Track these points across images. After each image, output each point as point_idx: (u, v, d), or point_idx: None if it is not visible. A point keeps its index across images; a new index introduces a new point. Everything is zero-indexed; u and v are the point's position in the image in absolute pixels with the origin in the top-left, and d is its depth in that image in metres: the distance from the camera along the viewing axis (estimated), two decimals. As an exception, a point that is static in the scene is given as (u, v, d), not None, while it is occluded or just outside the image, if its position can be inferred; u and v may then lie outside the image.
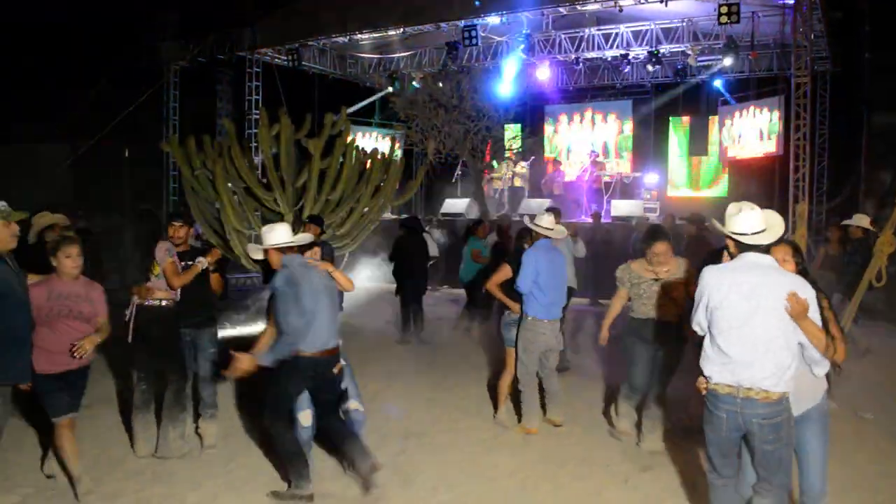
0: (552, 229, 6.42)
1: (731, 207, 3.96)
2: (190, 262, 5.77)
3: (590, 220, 15.32)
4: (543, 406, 6.57)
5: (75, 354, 4.69)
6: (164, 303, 5.63)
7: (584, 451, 5.98)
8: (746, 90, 18.51)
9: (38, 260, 5.00)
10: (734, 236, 3.89)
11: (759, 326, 3.72)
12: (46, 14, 20.53)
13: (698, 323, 3.96)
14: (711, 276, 3.91)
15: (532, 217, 6.64)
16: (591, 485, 5.30)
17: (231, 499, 5.02)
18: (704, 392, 3.89)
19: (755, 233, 3.83)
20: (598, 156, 19.50)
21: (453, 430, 6.48)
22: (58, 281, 4.82)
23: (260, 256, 5.03)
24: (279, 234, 4.94)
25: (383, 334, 10.93)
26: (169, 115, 20.05)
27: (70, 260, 4.80)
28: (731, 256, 3.97)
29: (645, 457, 5.78)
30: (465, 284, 10.98)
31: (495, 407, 6.84)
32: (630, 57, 17.25)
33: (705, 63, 17.60)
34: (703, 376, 3.89)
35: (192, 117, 19.93)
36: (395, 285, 10.91)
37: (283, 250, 4.92)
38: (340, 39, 17.89)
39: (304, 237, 5.19)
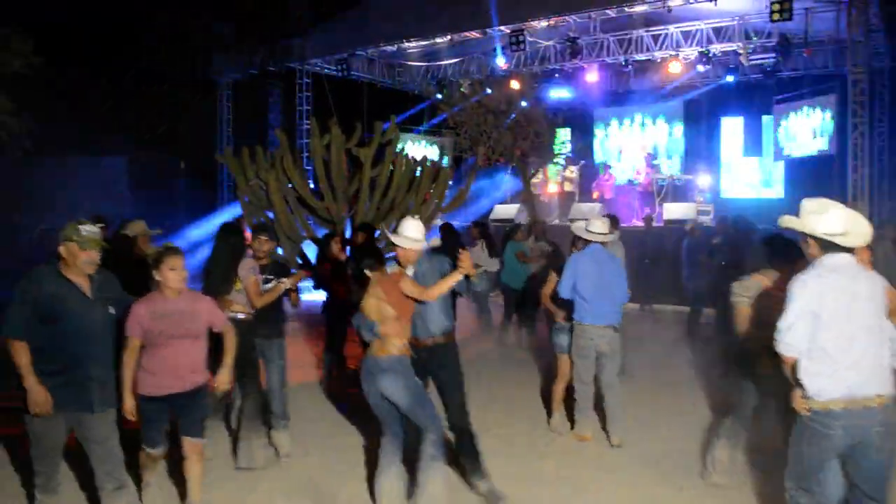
0: (595, 233, 6.24)
1: (812, 204, 3.65)
2: (270, 277, 5.89)
3: (641, 223, 15.14)
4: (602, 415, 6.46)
5: (218, 394, 4.55)
6: (240, 316, 5.68)
7: (638, 458, 5.91)
8: (801, 88, 18.11)
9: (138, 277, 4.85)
10: (822, 236, 3.58)
11: (862, 330, 3.51)
12: (100, 31, 21.15)
13: (793, 339, 3.58)
14: (805, 286, 3.57)
15: (576, 221, 6.53)
16: (644, 493, 5.25)
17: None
18: (808, 412, 3.59)
19: (841, 233, 3.56)
20: (654, 158, 19.26)
21: (505, 435, 6.47)
22: (160, 298, 4.41)
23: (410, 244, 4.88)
24: (413, 230, 4.92)
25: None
26: (222, 127, 20.48)
27: (175, 273, 4.38)
28: (807, 258, 3.69)
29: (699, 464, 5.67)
30: (506, 289, 10.71)
31: (549, 413, 6.81)
32: (680, 57, 17.05)
33: (757, 62, 17.28)
34: (805, 396, 3.59)
35: (244, 128, 20.35)
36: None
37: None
38: (389, 48, 18.07)
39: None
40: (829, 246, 3.58)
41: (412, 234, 4.88)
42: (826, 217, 3.58)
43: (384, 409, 4.80)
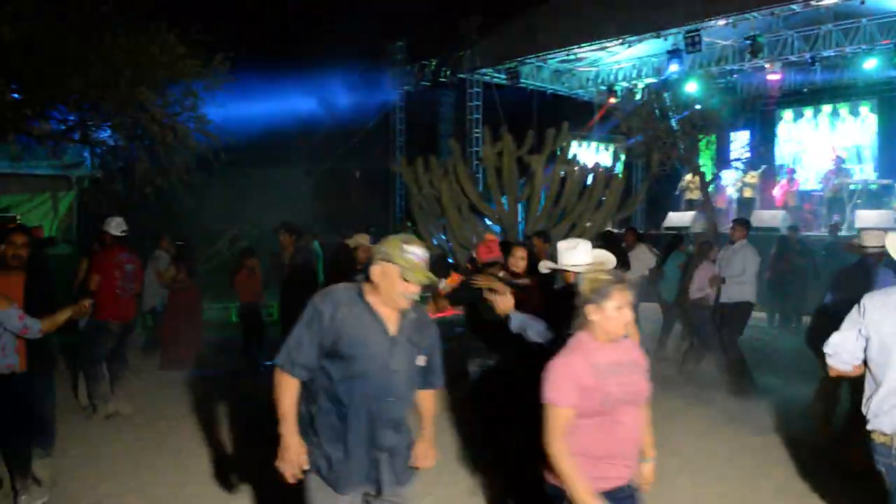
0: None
1: None
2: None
3: (826, 232, 14.12)
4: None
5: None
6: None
7: None
8: None
9: None
10: None
11: None
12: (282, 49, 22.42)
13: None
14: None
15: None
16: None
17: None
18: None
19: None
20: (843, 161, 17.90)
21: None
22: (595, 345, 3.05)
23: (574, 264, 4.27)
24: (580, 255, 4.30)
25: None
26: (395, 138, 21.16)
27: (622, 312, 3.04)
28: None
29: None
30: (668, 304, 9.95)
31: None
32: (874, 51, 15.77)
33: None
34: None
35: (416, 138, 20.93)
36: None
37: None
38: (558, 54, 17.97)
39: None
40: None
41: (581, 258, 4.23)
42: None
43: None
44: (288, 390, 3.06)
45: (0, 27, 8.57)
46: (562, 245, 4.38)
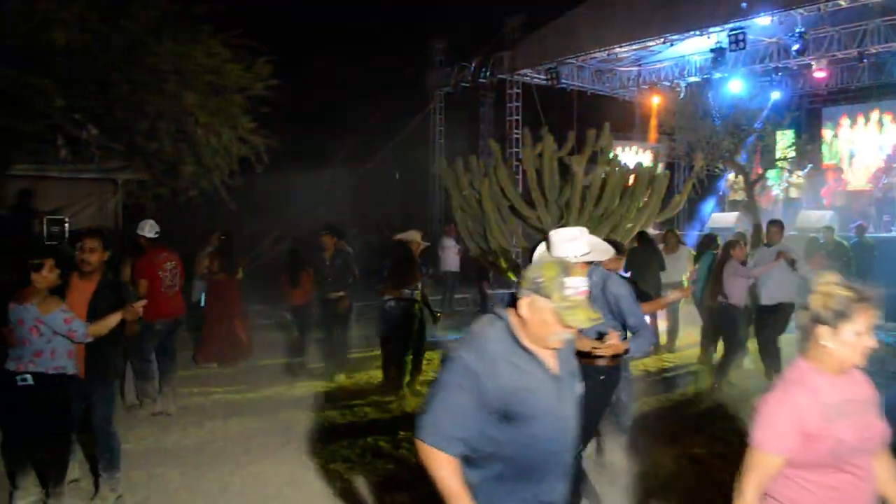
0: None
1: None
2: None
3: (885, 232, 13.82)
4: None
5: None
6: None
7: None
8: None
9: None
10: None
11: None
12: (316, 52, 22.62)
13: None
14: None
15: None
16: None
17: None
18: None
19: None
20: (894, 160, 17.48)
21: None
22: (822, 379, 2.41)
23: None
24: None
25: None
26: (435, 138, 21.21)
27: (863, 338, 2.40)
28: None
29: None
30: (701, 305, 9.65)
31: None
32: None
33: None
34: None
35: (456, 139, 20.95)
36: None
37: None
38: (598, 54, 17.84)
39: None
40: None
41: (582, 249, 3.95)
42: None
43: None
44: (450, 469, 2.44)
45: (51, 33, 8.78)
46: (562, 235, 4.02)
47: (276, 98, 11.32)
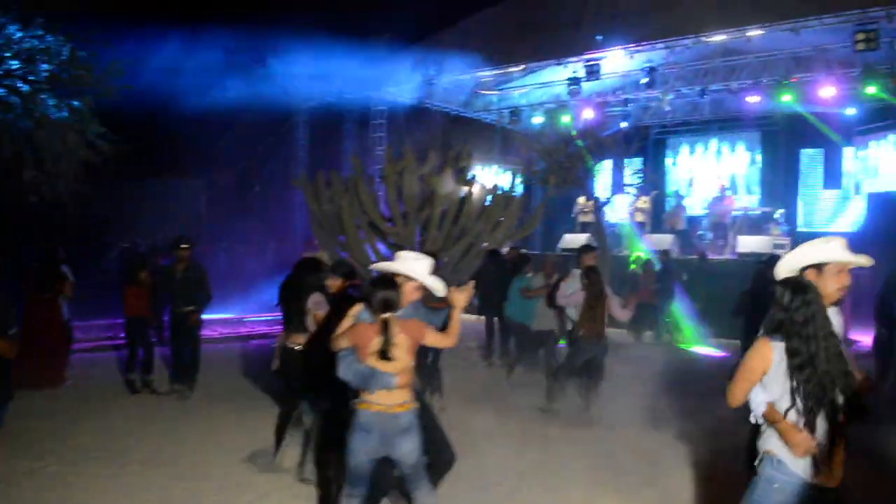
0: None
1: None
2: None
3: (717, 255, 14.90)
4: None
5: None
6: (297, 348, 6.06)
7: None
8: (885, 119, 17.43)
9: None
10: None
11: None
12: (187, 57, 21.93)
13: None
14: None
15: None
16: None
17: None
18: None
19: None
20: (726, 189, 18.86)
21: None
22: None
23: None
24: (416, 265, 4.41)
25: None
26: (298, 153, 20.96)
27: None
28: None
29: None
30: (512, 323, 10.31)
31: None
32: (760, 87, 16.72)
33: (839, 93, 16.75)
34: None
35: (320, 153, 20.80)
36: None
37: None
38: (463, 77, 18.26)
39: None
40: None
41: (423, 270, 4.36)
42: None
43: (365, 470, 4.12)
44: None
45: None
46: (409, 254, 4.48)
47: (130, 102, 10.89)
